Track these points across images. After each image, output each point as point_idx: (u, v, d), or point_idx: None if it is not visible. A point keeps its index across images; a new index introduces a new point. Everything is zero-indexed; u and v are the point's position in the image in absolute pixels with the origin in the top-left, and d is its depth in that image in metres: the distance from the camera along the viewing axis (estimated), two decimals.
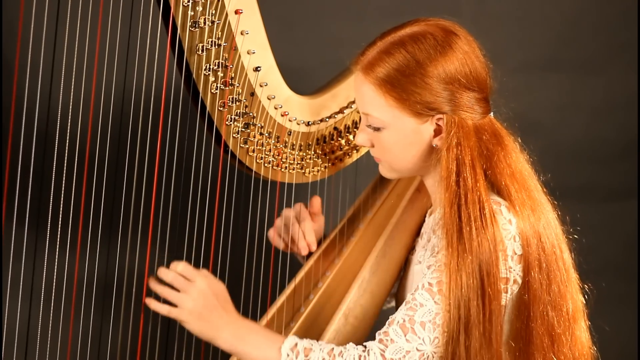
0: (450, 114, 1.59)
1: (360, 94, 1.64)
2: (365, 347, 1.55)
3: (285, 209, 1.91)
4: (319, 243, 1.92)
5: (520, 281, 1.59)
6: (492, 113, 1.65)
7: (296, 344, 1.56)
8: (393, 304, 2.02)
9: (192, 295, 1.58)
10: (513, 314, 1.61)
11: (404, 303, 1.57)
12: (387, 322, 1.56)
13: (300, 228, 1.88)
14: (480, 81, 1.61)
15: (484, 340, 1.54)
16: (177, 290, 1.60)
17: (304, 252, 1.88)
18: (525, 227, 1.58)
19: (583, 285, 1.71)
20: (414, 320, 1.53)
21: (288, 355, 1.55)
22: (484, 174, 1.59)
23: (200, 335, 1.59)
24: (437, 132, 1.61)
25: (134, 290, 1.78)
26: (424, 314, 1.53)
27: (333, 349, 1.56)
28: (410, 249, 1.85)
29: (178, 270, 1.60)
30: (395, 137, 1.63)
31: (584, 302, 1.71)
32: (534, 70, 2.63)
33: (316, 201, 1.91)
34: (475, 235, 1.53)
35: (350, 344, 1.57)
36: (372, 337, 1.61)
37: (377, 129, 1.63)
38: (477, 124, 1.61)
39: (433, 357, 1.53)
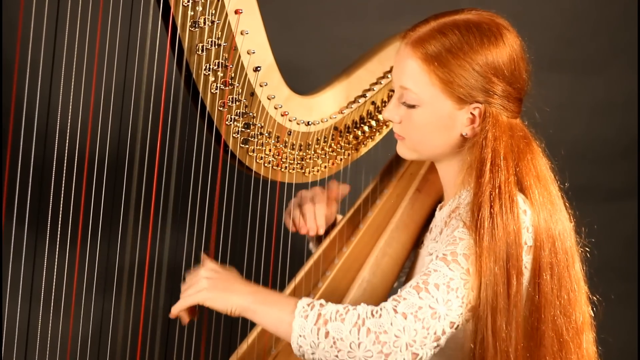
0: (487, 105, 1.59)
1: (402, 67, 1.62)
2: (380, 306, 1.52)
3: (302, 190, 1.90)
4: (326, 233, 1.92)
5: (526, 273, 1.59)
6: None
7: (312, 302, 1.54)
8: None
9: (202, 275, 1.60)
10: (525, 314, 1.61)
11: (417, 273, 1.56)
12: (399, 289, 1.55)
13: (314, 209, 1.88)
14: (521, 80, 1.63)
15: (509, 328, 1.54)
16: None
17: (312, 233, 1.88)
18: (540, 225, 1.58)
19: (592, 298, 1.70)
20: (428, 282, 1.51)
21: (303, 307, 1.52)
22: (514, 169, 1.60)
23: (224, 305, 1.57)
24: (470, 121, 1.61)
25: (133, 290, 1.78)
26: (437, 277, 1.51)
27: (347, 305, 1.53)
28: (419, 244, 1.84)
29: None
30: (429, 118, 1.62)
31: (592, 315, 1.70)
32: (534, 70, 2.63)
33: (333, 185, 1.91)
34: (505, 225, 1.53)
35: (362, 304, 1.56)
36: None
37: (411, 106, 1.62)
38: (511, 121, 1.61)
39: (445, 318, 1.50)
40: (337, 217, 1.99)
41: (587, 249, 1.71)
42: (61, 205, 1.68)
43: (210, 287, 1.59)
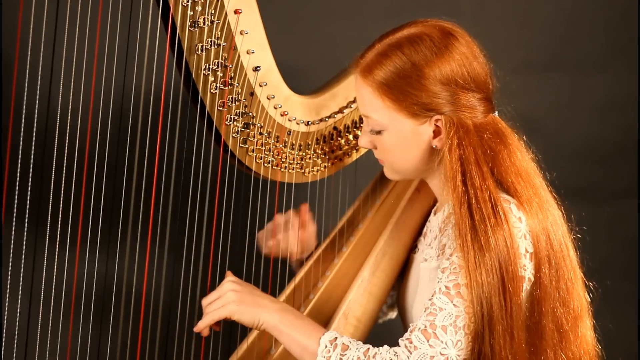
0: (448, 115, 1.59)
1: (359, 96, 1.66)
2: (395, 352, 1.55)
3: (277, 216, 1.93)
4: (317, 246, 1.93)
5: (532, 279, 1.59)
6: (496, 112, 1.66)
7: (336, 338, 1.57)
8: (391, 315, 2.04)
9: (227, 289, 1.62)
10: (527, 310, 1.61)
11: (423, 309, 1.57)
12: (409, 329, 1.56)
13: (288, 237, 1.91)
14: (478, 81, 1.62)
15: (508, 336, 1.54)
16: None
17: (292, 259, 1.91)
18: (534, 224, 1.58)
19: (588, 284, 1.71)
20: (435, 325, 1.53)
21: (326, 346, 1.56)
22: (490, 172, 1.59)
23: (251, 319, 1.60)
24: (437, 133, 1.62)
25: (134, 289, 1.78)
26: (444, 318, 1.53)
27: (369, 349, 1.56)
28: (413, 248, 1.85)
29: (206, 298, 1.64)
30: (395, 139, 1.63)
31: (589, 300, 1.71)
32: (534, 70, 2.63)
33: (303, 209, 1.93)
34: (492, 233, 1.53)
35: (385, 346, 1.56)
36: (372, 337, 1.61)
37: (378, 132, 1.65)
38: (478, 123, 1.61)
39: (457, 359, 1.53)
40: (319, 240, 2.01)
41: (578, 235, 1.71)
42: (61, 205, 1.68)
43: (238, 300, 1.61)
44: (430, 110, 1.60)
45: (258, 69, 1.69)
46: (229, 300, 1.61)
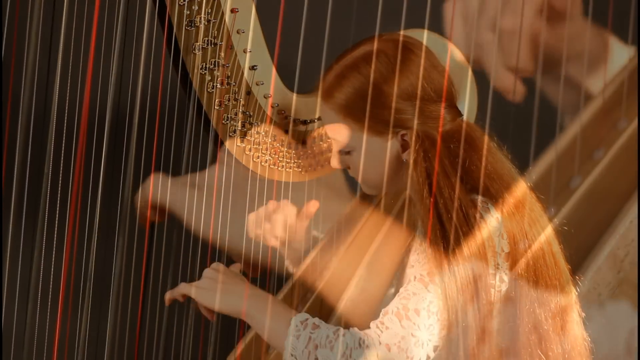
0: (414, 128, 1.60)
1: (324, 119, 1.67)
2: (366, 333, 1.55)
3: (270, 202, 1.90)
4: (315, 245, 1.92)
5: (507, 279, 1.59)
6: (464, 116, 1.65)
7: (307, 319, 1.56)
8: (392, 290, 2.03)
9: (210, 271, 1.61)
10: (501, 312, 1.60)
11: (396, 295, 1.57)
12: (381, 313, 1.56)
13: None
14: (440, 91, 1.62)
15: (480, 341, 1.55)
16: None
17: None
18: (511, 225, 1.58)
19: (574, 277, 1.70)
20: (408, 307, 1.53)
21: (297, 326, 1.55)
22: (461, 180, 1.59)
23: (221, 304, 1.59)
24: (405, 147, 1.62)
25: (131, 288, 1.78)
26: (417, 302, 1.53)
27: (339, 329, 1.56)
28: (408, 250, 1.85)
29: None
30: (364, 158, 1.64)
31: (576, 294, 1.70)
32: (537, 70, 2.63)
33: (313, 204, 1.91)
34: (464, 242, 1.54)
35: (354, 328, 1.57)
36: None
37: (347, 152, 1.65)
38: (444, 132, 1.61)
39: (427, 344, 1.53)
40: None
41: (564, 228, 1.70)
42: (58, 204, 1.69)
43: (215, 284, 1.60)
44: (395, 126, 1.60)
45: (255, 67, 1.69)
46: (208, 278, 1.60)
